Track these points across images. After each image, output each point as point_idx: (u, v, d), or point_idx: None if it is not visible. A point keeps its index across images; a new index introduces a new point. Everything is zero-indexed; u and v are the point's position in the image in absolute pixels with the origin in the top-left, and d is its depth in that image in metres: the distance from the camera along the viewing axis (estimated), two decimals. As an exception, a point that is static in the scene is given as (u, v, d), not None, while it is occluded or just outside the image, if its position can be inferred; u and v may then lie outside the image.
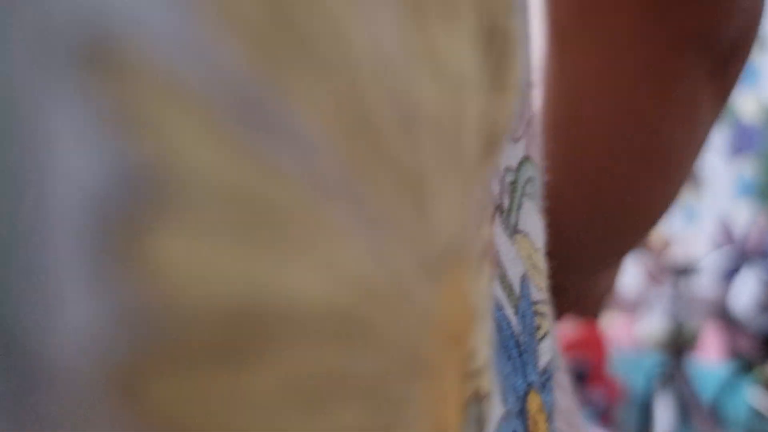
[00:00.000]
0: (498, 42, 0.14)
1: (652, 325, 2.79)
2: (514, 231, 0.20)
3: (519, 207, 0.20)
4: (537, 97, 0.26)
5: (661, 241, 3.96)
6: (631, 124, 0.31)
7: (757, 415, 2.16)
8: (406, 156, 0.11)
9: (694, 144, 0.33)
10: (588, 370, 3.39)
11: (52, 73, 0.08)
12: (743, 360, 2.59)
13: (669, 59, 0.29)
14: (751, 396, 2.25)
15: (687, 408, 2.53)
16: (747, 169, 3.40)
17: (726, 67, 0.31)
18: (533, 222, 0.22)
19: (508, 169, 0.20)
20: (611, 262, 0.41)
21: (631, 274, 2.84)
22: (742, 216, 3.37)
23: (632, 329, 2.88)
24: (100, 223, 0.08)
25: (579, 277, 0.41)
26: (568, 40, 0.30)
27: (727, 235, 3.45)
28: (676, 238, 3.81)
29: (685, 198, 3.83)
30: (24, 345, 0.08)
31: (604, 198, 0.34)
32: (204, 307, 0.09)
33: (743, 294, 2.57)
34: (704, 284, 3.50)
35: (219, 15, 0.09)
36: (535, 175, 0.22)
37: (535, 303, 0.21)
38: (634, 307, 3.08)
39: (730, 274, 3.16)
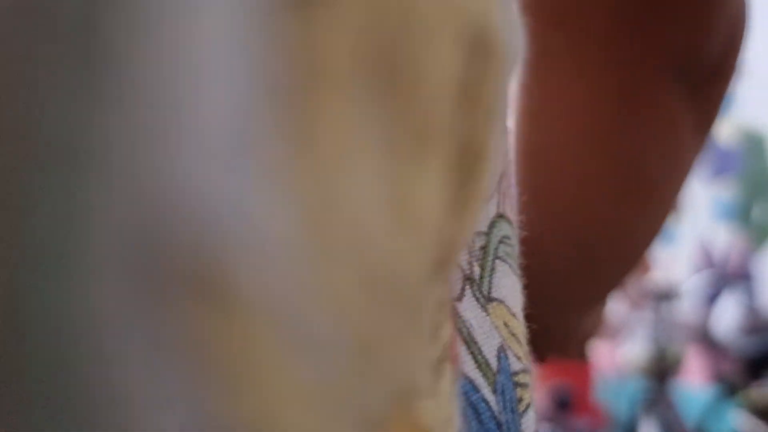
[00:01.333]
0: (469, 160, 0.13)
1: (635, 350, 2.80)
2: (487, 300, 0.19)
3: (492, 272, 0.19)
4: (510, 139, 0.23)
5: (642, 265, 3.98)
6: (606, 155, 0.28)
7: (742, 439, 2.17)
8: (363, 319, 0.10)
9: (676, 175, 0.30)
10: (571, 399, 3.38)
11: (145, 304, 0.07)
12: (727, 383, 2.60)
13: (645, 83, 0.27)
14: (735, 419, 2.25)
15: (672, 433, 2.53)
16: (725, 192, 3.45)
17: (708, 90, 0.29)
18: (509, 285, 0.20)
19: (477, 234, 0.19)
20: (597, 300, 0.39)
21: (612, 300, 2.85)
22: (722, 239, 3.41)
23: (615, 355, 2.89)
24: None
25: (565, 318, 0.40)
26: (537, 60, 0.27)
27: (707, 259, 3.48)
28: (656, 262, 3.84)
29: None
30: None
31: (583, 233, 0.31)
32: None
33: (725, 317, 2.59)
34: (686, 308, 3.52)
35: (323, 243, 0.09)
36: (510, 233, 0.21)
37: (515, 374, 0.20)
38: (616, 333, 3.09)
39: (712, 297, 3.18)
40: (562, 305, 0.37)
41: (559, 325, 0.40)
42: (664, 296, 2.78)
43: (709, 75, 0.28)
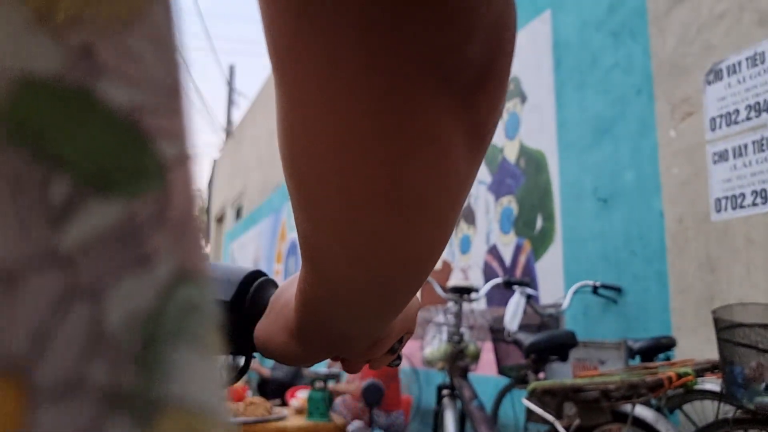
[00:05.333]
0: None
1: (439, 347, 2.93)
2: (155, 410, 0.14)
3: (167, 365, 0.14)
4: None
5: (445, 267, 4.18)
6: (364, 163, 0.25)
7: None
8: None
9: (447, 188, 0.28)
10: (382, 395, 3.46)
11: None
12: (515, 374, 2.80)
13: (404, 90, 0.24)
14: (523, 404, 2.43)
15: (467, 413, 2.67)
16: (514, 205, 3.72)
17: (477, 98, 0.26)
18: (201, 371, 0.15)
19: (127, 322, 0.14)
20: (392, 311, 0.37)
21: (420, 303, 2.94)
22: (510, 247, 3.68)
23: (422, 351, 3.01)
24: None
25: (364, 328, 0.39)
26: (288, 63, 0.24)
27: (498, 264, 3.74)
28: (454, 267, 4.06)
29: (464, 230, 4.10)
30: None
31: (356, 243, 0.29)
32: None
33: (513, 316, 2.77)
34: (481, 309, 3.75)
35: None
36: (202, 293, 0.16)
37: None
38: (422, 332, 3.23)
39: (502, 299, 3.42)
40: (356, 317, 0.37)
41: (362, 334, 0.41)
42: (462, 299, 2.92)
43: (476, 81, 0.25)
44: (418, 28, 0.22)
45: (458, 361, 2.83)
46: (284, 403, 4.46)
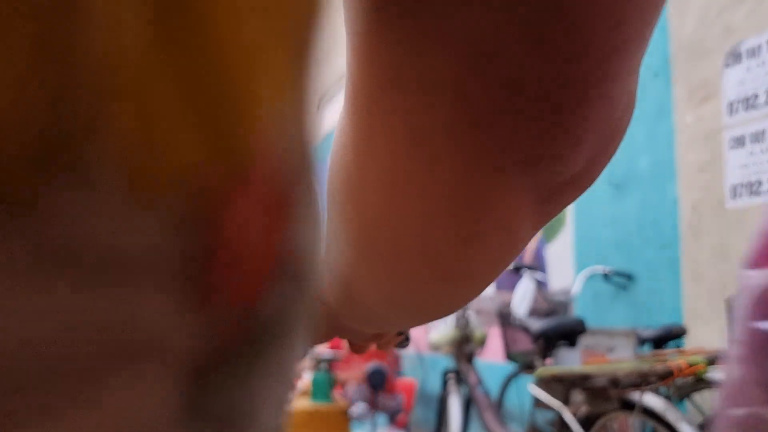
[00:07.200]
0: None
1: (446, 332, 2.91)
2: None
3: None
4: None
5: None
6: (429, 241, 0.24)
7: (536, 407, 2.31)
8: None
9: (505, 262, 0.27)
10: (386, 380, 3.45)
11: None
12: (523, 360, 2.78)
13: (484, 180, 0.22)
14: (530, 391, 2.41)
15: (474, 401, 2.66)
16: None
17: (565, 193, 0.24)
18: None
19: None
20: (414, 326, 0.36)
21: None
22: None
23: (428, 336, 2.99)
24: None
25: (382, 330, 0.38)
26: (374, 115, 0.22)
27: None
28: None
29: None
30: None
31: (395, 291, 0.28)
32: None
33: (522, 302, 2.76)
34: (489, 293, 3.72)
35: None
36: None
37: None
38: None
39: (511, 284, 3.39)
40: (375, 327, 0.36)
41: (377, 335, 0.41)
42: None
43: (570, 180, 0.23)
44: (516, 128, 0.20)
45: (464, 346, 2.81)
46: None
